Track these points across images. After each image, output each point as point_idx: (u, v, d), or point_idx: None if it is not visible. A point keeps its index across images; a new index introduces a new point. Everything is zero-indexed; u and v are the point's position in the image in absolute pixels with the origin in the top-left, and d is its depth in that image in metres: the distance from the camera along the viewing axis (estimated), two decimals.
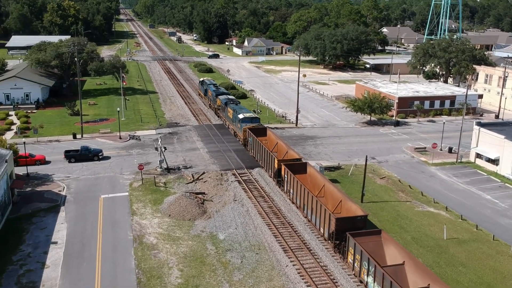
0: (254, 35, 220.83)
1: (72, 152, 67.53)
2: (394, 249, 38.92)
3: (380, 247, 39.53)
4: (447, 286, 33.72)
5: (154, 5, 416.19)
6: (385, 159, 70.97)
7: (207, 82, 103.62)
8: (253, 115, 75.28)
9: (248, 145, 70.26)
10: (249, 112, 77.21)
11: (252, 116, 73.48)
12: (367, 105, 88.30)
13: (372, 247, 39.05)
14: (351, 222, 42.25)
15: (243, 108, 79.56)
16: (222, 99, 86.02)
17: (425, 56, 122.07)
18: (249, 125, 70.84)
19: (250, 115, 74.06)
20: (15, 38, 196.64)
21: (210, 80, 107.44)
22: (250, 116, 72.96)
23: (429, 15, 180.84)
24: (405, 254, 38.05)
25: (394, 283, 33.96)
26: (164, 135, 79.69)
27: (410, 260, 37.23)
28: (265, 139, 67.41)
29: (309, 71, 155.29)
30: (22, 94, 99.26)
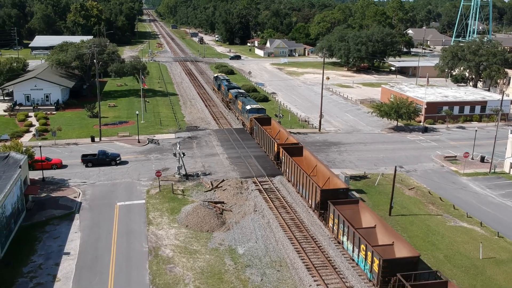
0: (276, 36, 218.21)
1: (89, 157, 65.89)
2: (369, 216, 45.22)
3: (357, 214, 45.88)
4: (409, 244, 40.26)
5: (177, 5, 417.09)
6: (414, 168, 67.57)
7: (221, 78, 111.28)
8: (259, 106, 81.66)
9: (254, 133, 76.75)
10: (256, 104, 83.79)
11: (258, 107, 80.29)
12: (393, 110, 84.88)
13: (350, 213, 45.18)
14: (334, 193, 48.44)
15: (251, 100, 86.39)
16: (233, 93, 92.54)
17: (454, 59, 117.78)
18: (255, 115, 77.29)
19: (257, 106, 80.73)
20: (39, 38, 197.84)
21: (224, 76, 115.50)
22: (256, 107, 79.94)
23: (457, 16, 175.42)
24: (377, 219, 44.32)
25: (362, 239, 40.15)
26: (183, 140, 77.66)
27: (380, 224, 43.64)
28: (269, 127, 73.96)
29: (332, 74, 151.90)
30: (42, 95, 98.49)
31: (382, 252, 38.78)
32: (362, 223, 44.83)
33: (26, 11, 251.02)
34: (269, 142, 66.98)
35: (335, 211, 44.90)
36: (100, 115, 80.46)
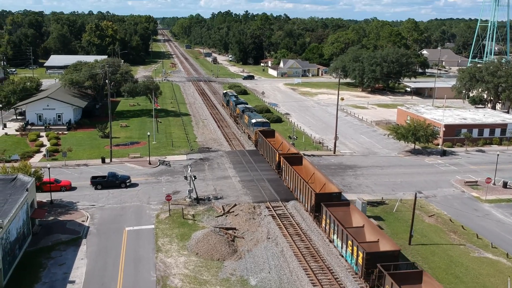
0: (289, 57, 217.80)
1: (99, 179, 64.49)
2: (358, 217, 49.05)
3: (348, 215, 49.76)
4: (392, 240, 44.04)
5: (191, 26, 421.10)
6: (433, 193, 65.01)
7: (229, 94, 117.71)
8: (264, 120, 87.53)
9: (258, 145, 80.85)
10: (261, 118, 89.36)
11: (263, 121, 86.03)
12: (411, 132, 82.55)
13: (341, 215, 49.05)
14: (328, 197, 52.40)
15: (256, 114, 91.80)
16: (240, 108, 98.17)
17: (472, 80, 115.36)
18: (260, 128, 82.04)
19: (261, 120, 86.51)
20: (54, 57, 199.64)
21: (232, 92, 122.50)
22: (261, 121, 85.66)
23: (473, 37, 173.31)
24: (365, 220, 48.06)
25: (349, 236, 43.85)
26: (195, 161, 76.05)
27: (368, 224, 47.34)
28: (273, 140, 78.08)
29: (346, 94, 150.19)
30: (54, 114, 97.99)
31: (367, 247, 42.51)
32: (352, 223, 48.60)
33: (42, 31, 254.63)
34: (271, 152, 71.54)
35: (327, 212, 49.07)
36: (111, 136, 79.38)
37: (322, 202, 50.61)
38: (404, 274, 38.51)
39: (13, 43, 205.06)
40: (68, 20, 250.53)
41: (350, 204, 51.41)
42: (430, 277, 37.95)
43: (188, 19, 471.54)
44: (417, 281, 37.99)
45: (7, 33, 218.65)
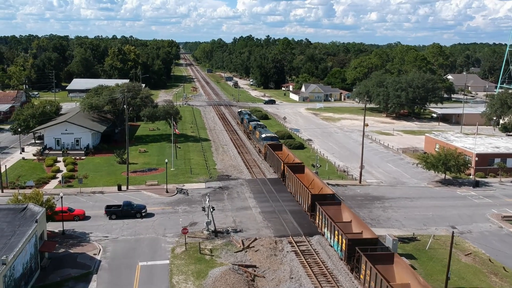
0: (311, 81, 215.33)
1: (114, 208, 61.77)
2: (348, 214, 55.30)
3: (339, 213, 55.87)
4: (372, 231, 49.70)
5: (213, 50, 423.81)
6: (468, 229, 60.46)
7: (243, 112, 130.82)
8: (273, 135, 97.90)
9: (267, 157, 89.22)
10: (271, 133, 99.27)
11: (272, 136, 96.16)
12: (441, 162, 78.27)
13: (332, 212, 55.42)
14: (322, 197, 59.96)
15: (267, 130, 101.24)
16: (253, 124, 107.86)
17: (503, 107, 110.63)
18: (269, 142, 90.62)
19: (271, 135, 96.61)
20: (76, 81, 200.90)
21: (246, 111, 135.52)
22: (270, 136, 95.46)
23: (503, 62, 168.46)
24: (353, 216, 54.57)
25: (336, 227, 50.48)
26: (214, 190, 72.95)
27: (355, 219, 53.82)
28: (280, 152, 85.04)
29: (370, 120, 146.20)
30: (72, 139, 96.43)
31: (350, 235, 48.93)
32: (342, 219, 54.87)
33: (66, 55, 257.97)
34: (277, 163, 79.41)
35: (320, 209, 55.90)
36: (128, 163, 76.94)
37: (317, 201, 57.62)
38: (377, 255, 44.01)
39: (37, 67, 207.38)
40: (91, 44, 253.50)
41: (342, 203, 58.68)
42: (400, 258, 43.80)
43: (210, 44, 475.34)
44: (389, 261, 43.40)
45: (31, 56, 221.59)
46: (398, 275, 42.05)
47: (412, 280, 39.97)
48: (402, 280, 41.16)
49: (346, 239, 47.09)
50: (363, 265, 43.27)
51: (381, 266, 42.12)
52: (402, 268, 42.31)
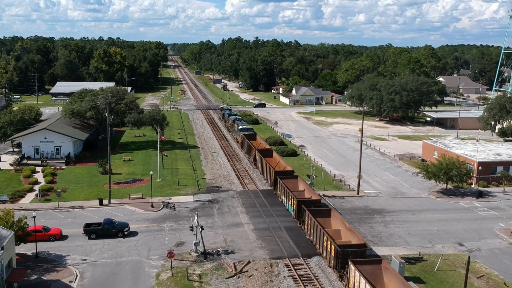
0: (302, 84, 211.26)
1: (93, 226, 56.66)
2: (302, 185, 67.03)
3: (296, 185, 67.73)
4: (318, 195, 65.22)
5: (201, 52, 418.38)
6: (477, 246, 56.30)
7: (224, 108, 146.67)
8: (248, 127, 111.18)
9: (243, 145, 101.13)
10: (247, 125, 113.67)
11: (247, 127, 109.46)
12: (443, 171, 74.20)
13: (291, 184, 66.71)
14: (283, 173, 72.17)
15: (243, 123, 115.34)
16: (232, 118, 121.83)
17: (502, 111, 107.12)
18: (245, 133, 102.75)
19: (246, 127, 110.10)
20: (60, 84, 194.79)
21: (227, 107, 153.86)
22: (246, 127, 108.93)
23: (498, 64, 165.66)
24: (306, 187, 66.16)
25: (291, 194, 61.64)
26: (203, 204, 68.10)
27: (307, 188, 65.59)
28: (254, 141, 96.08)
29: (364, 124, 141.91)
30: (53, 147, 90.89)
31: (298, 195, 62.91)
32: (298, 189, 67.09)
33: (50, 57, 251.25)
34: (251, 149, 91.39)
35: (280, 182, 67.74)
36: (110, 174, 71.75)
37: (278, 176, 70.49)
38: (318, 211, 55.97)
39: (19, 69, 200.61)
40: (76, 46, 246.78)
41: (298, 177, 71.07)
42: (335, 212, 57.00)
43: (198, 45, 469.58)
44: (327, 215, 55.70)
45: (13, 59, 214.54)
46: (333, 224, 54.62)
47: (341, 227, 53.04)
48: (335, 227, 53.74)
49: (296, 200, 59.43)
50: (307, 218, 55.48)
51: (321, 218, 53.97)
52: (336, 219, 55.13)
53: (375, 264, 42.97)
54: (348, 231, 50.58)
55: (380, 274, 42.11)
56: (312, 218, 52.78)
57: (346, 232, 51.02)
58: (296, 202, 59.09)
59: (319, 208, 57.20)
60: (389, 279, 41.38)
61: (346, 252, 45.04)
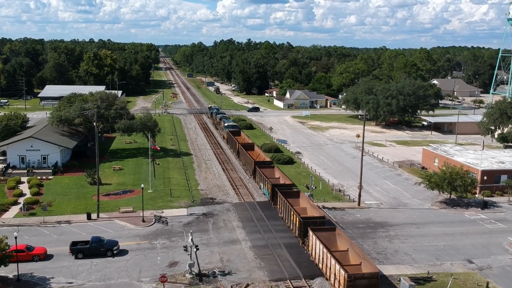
0: (296, 87, 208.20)
1: (80, 245, 53.07)
2: (279, 173, 76.18)
3: (273, 173, 77.16)
4: (290, 180, 71.96)
5: (193, 54, 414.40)
6: (487, 263, 53.38)
7: (213, 107, 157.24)
8: (233, 124, 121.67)
9: (228, 141, 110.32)
10: (232, 122, 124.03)
11: (233, 125, 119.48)
12: (447, 181, 71.39)
13: (268, 172, 76.30)
14: (262, 163, 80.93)
15: (229, 121, 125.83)
16: (219, 116, 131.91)
17: (502, 116, 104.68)
18: (230, 129, 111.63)
19: (232, 124, 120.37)
20: (49, 88, 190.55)
21: (215, 106, 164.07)
22: (231, 125, 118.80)
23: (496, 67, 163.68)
24: (282, 175, 74.57)
25: (266, 179, 71.16)
26: (197, 218, 64.69)
27: (283, 176, 74.05)
28: (239, 137, 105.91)
29: (360, 129, 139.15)
30: (39, 156, 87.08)
31: (274, 182, 70.67)
32: (274, 176, 75.91)
33: (39, 60, 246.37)
34: (235, 144, 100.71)
35: (258, 170, 77.08)
36: (99, 185, 68.06)
37: (256, 165, 79.23)
38: (289, 193, 64.88)
39: (7, 72, 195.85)
40: (66, 49, 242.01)
41: (275, 166, 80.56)
42: (304, 194, 65.21)
43: (190, 47, 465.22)
44: (297, 197, 64.48)
45: (1, 62, 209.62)
46: (301, 203, 63.19)
47: (307, 205, 61.60)
48: (303, 205, 62.39)
49: (270, 184, 68.75)
50: (279, 199, 64.30)
51: (290, 199, 62.49)
52: (304, 199, 63.64)
53: (330, 231, 52.43)
54: (313, 208, 60.43)
55: (334, 239, 51.30)
56: (283, 199, 62.28)
57: (311, 209, 60.54)
58: (270, 186, 69.05)
59: (289, 190, 66.46)
60: (341, 242, 50.75)
61: (307, 222, 54.71)
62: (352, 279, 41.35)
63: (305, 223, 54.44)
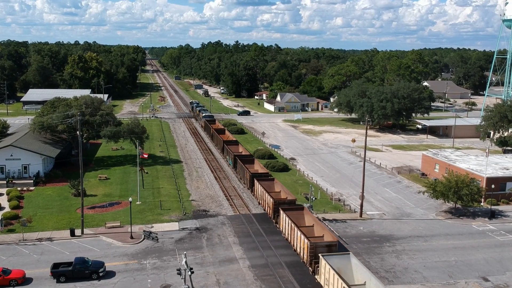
0: (286, 90, 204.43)
1: (63, 267, 48.33)
2: (258, 165, 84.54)
3: (253, 165, 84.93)
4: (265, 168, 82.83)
5: (181, 56, 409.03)
6: (503, 281, 49.73)
7: (193, 102, 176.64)
8: (210, 114, 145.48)
9: (205, 129, 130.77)
10: (209, 113, 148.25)
11: (209, 115, 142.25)
12: (452, 190, 67.77)
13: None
14: (243, 156, 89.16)
15: (206, 111, 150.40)
16: (198, 109, 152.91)
17: (502, 120, 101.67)
18: (207, 119, 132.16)
19: (208, 114, 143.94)
20: (32, 91, 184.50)
21: (195, 101, 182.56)
22: (208, 115, 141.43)
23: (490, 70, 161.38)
24: (260, 166, 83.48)
25: (246, 169, 79.14)
26: (190, 233, 60.25)
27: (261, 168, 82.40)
28: (214, 125, 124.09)
29: (354, 132, 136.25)
30: (20, 166, 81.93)
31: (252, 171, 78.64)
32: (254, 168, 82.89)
33: (22, 62, 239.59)
34: (209, 129, 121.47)
35: (239, 162, 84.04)
36: (84, 196, 63.32)
37: (237, 158, 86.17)
38: (263, 179, 72.53)
39: None
40: (50, 51, 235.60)
41: (255, 159, 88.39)
42: (277, 181, 73.01)
43: (177, 49, 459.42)
44: (271, 181, 72.72)
45: None
46: (275, 187, 70.26)
47: (280, 189, 68.71)
48: (277, 189, 69.25)
49: (249, 174, 76.15)
50: (256, 185, 71.13)
51: (264, 182, 70.25)
52: (277, 184, 71.11)
53: (298, 210, 59.53)
54: (285, 192, 67.15)
55: (302, 217, 58.33)
56: (257, 184, 69.84)
57: (284, 192, 67.51)
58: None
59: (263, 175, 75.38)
60: (308, 220, 57.59)
61: (279, 202, 62.64)
62: (314, 246, 48.27)
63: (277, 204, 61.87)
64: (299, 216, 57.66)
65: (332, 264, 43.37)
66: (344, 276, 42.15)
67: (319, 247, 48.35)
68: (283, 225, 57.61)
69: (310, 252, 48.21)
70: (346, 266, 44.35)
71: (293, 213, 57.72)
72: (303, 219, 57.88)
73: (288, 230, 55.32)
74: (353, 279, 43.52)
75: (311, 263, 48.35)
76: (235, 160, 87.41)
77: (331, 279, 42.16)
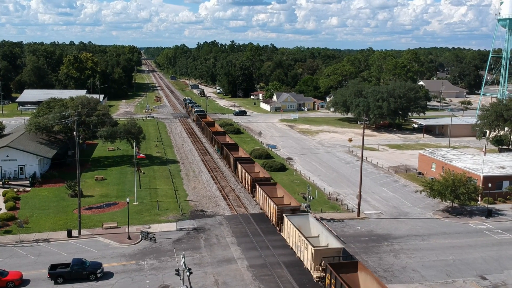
0: (282, 89, 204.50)
1: (60, 268, 48.13)
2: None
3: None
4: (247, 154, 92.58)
5: (176, 56, 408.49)
6: (501, 280, 49.85)
7: (186, 99, 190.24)
8: (201, 109, 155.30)
9: (196, 122, 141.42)
10: (200, 108, 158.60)
11: (200, 109, 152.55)
12: (449, 189, 67.94)
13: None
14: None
15: (198, 107, 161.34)
16: (191, 105, 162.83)
17: (498, 119, 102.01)
18: (198, 113, 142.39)
19: (200, 109, 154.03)
20: (27, 92, 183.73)
21: (188, 98, 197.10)
22: (199, 110, 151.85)
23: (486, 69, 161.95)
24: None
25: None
26: (188, 233, 60.12)
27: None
28: (205, 119, 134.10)
29: (350, 132, 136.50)
30: (16, 167, 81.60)
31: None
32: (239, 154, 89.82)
33: (17, 63, 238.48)
34: (200, 122, 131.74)
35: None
36: (81, 197, 63.08)
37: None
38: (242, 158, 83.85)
39: None
40: (45, 51, 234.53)
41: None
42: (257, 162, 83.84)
43: (173, 49, 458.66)
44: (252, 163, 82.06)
45: None
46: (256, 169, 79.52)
47: (260, 169, 79.07)
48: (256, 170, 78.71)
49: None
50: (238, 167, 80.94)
51: (245, 164, 79.70)
52: (257, 166, 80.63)
53: (272, 185, 69.66)
54: (263, 172, 77.80)
55: (275, 191, 68.04)
56: (240, 166, 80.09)
57: (262, 172, 77.95)
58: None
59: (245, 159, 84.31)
60: (279, 192, 67.32)
61: (255, 179, 72.42)
62: (280, 210, 58.91)
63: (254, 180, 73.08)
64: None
65: (293, 222, 53.67)
66: (303, 232, 51.58)
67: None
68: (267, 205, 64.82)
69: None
70: (305, 224, 54.85)
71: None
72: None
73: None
74: (310, 233, 53.50)
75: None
76: (222, 149, 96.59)
77: (291, 233, 53.35)
